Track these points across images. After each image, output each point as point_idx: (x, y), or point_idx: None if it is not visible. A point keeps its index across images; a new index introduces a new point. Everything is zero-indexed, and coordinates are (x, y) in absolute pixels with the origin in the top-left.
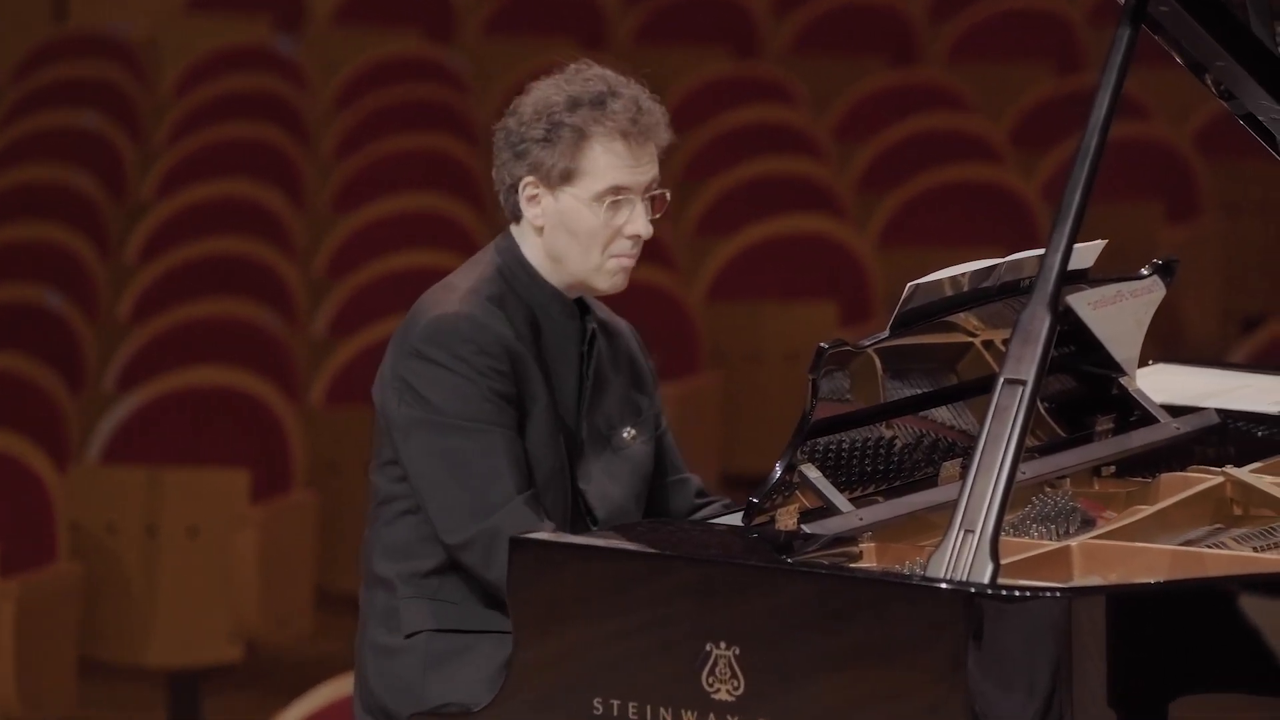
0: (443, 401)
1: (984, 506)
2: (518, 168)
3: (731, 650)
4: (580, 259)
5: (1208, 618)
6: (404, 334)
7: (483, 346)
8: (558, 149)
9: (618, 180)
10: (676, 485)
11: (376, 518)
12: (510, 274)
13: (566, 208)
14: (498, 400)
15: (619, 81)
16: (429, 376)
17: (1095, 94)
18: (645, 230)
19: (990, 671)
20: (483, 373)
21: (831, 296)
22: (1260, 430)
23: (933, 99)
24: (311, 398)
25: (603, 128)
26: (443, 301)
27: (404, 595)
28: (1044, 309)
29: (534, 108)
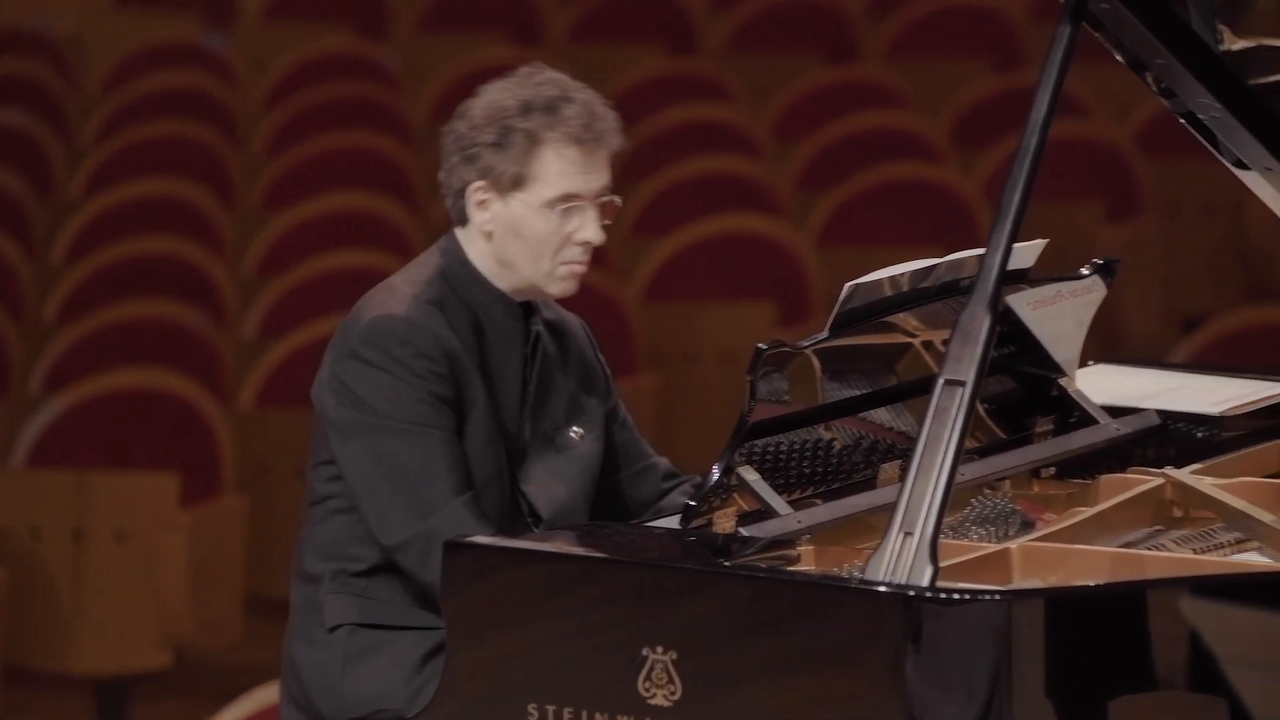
0: (380, 403)
1: (923, 509)
2: (467, 172)
3: (668, 655)
4: (530, 265)
5: (1147, 621)
6: (343, 335)
7: (421, 349)
8: (509, 154)
9: (570, 187)
10: (639, 474)
11: (311, 516)
12: (453, 276)
13: (517, 214)
14: (435, 402)
15: (572, 86)
16: (366, 378)
17: (1035, 92)
18: (597, 237)
19: (929, 675)
20: (420, 375)
21: (769, 296)
22: (1200, 431)
23: (871, 97)
24: (241, 400)
25: (556, 134)
26: (382, 303)
27: (330, 590)
28: (984, 309)
29: (485, 111)
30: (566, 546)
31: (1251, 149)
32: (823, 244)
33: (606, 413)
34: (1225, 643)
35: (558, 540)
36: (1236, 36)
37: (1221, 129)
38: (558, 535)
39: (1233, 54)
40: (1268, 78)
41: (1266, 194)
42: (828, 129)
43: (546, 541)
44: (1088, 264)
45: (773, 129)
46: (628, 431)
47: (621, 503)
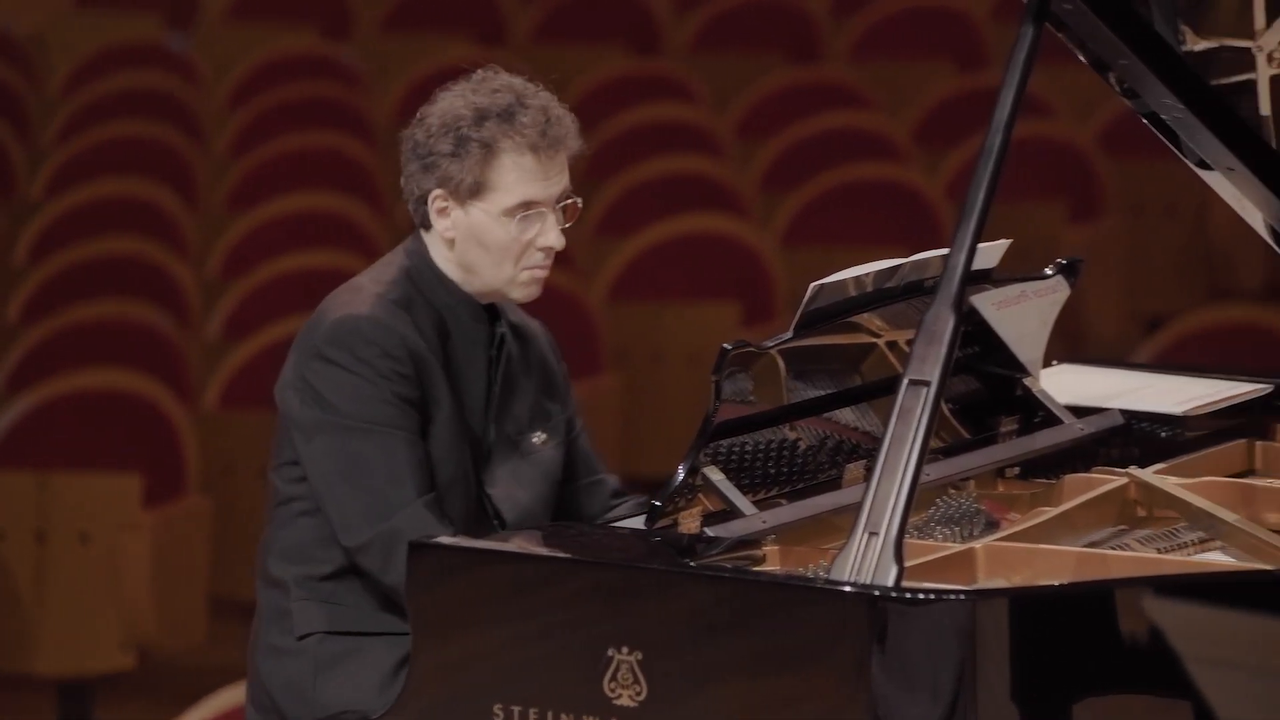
0: (344, 403)
1: (888, 509)
2: (426, 180)
3: (634, 655)
4: (492, 271)
5: (1112, 620)
6: (308, 334)
7: (386, 349)
8: (466, 163)
9: (528, 195)
10: (591, 487)
11: (274, 518)
12: (419, 277)
13: (477, 222)
14: (399, 403)
15: (527, 91)
16: (331, 378)
17: (999, 92)
18: (558, 242)
19: (894, 675)
20: (385, 375)
21: (734, 297)
22: (1164, 431)
23: (835, 97)
24: (205, 401)
25: (511, 141)
26: (348, 303)
27: (297, 597)
28: (948, 309)
29: (441, 119)
30: (531, 547)
31: (1214, 149)
32: (787, 244)
33: (566, 420)
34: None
35: (522, 540)
36: (1199, 37)
37: (1184, 129)
38: (521, 535)
39: (1195, 54)
40: (1230, 78)
41: (1229, 194)
42: (792, 129)
43: (510, 542)
44: (1051, 264)
45: (737, 129)
46: (583, 442)
47: (568, 514)
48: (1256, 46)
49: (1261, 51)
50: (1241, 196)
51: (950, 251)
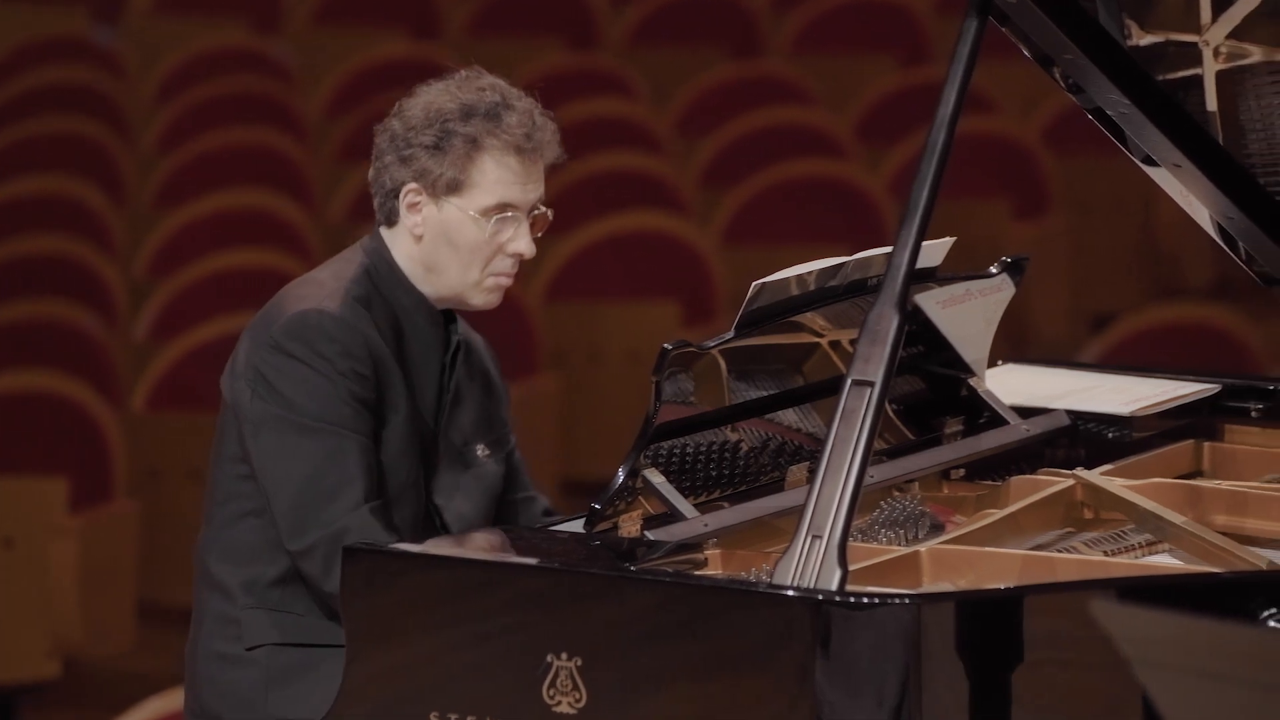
0: (299, 399)
1: (831, 511)
2: (401, 172)
3: (573, 661)
4: (459, 273)
5: (1059, 624)
6: (264, 325)
7: (347, 347)
8: (447, 158)
9: (507, 196)
10: (524, 503)
11: (215, 516)
12: (378, 276)
13: (450, 219)
14: (356, 404)
15: (513, 93)
16: (288, 372)
17: (942, 87)
18: (529, 250)
19: (838, 681)
20: (344, 374)
21: (674, 296)
22: (1111, 432)
23: (776, 92)
24: (133, 403)
25: (497, 140)
26: (308, 296)
27: (245, 604)
28: (892, 308)
29: (424, 112)
30: (468, 551)
31: (1160, 145)
32: (727, 242)
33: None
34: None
35: (459, 545)
36: (1144, 31)
37: (1130, 125)
38: (458, 540)
39: (1141, 49)
40: (1176, 73)
41: (1175, 191)
42: (732, 125)
43: (447, 546)
44: (996, 262)
45: (676, 125)
46: (517, 458)
47: None
48: (1203, 41)
49: (1208, 46)
50: (1188, 193)
51: (893, 250)
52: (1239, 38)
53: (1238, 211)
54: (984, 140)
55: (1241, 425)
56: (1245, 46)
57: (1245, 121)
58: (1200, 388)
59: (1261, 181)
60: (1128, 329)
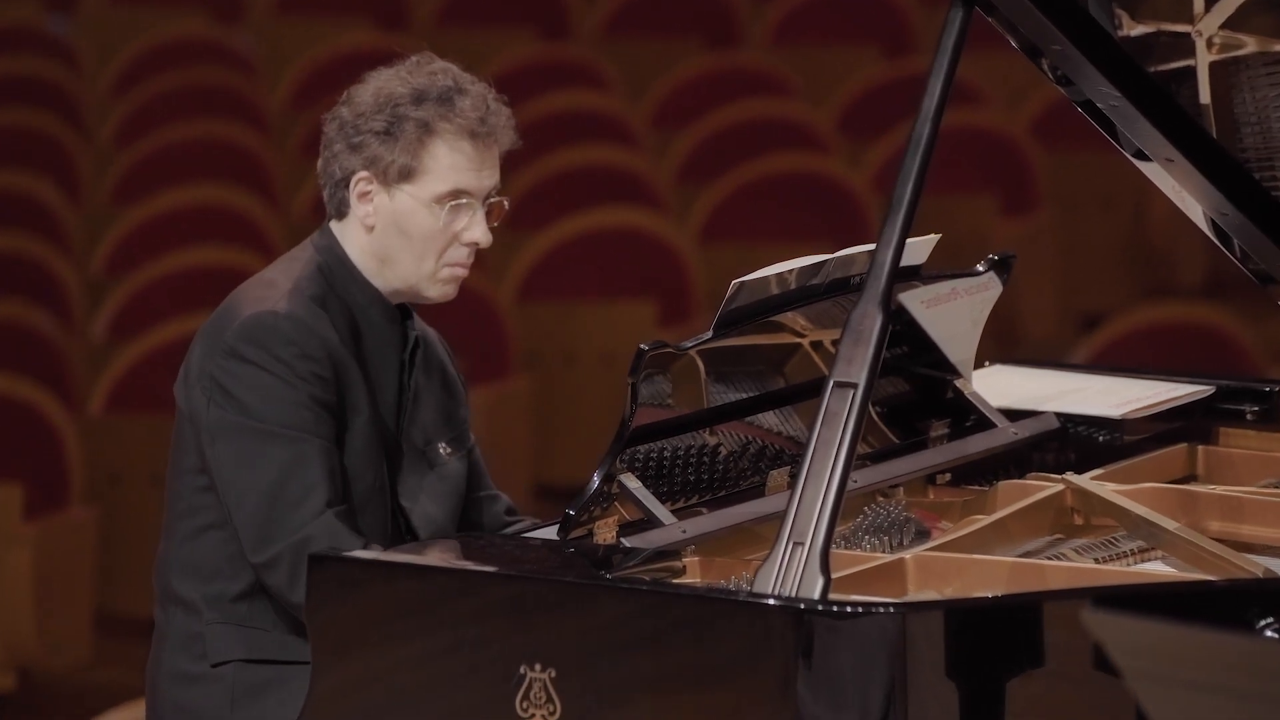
0: (258, 405)
1: (814, 517)
2: (351, 160)
3: (547, 673)
4: (413, 264)
5: (1048, 634)
6: (217, 329)
7: (306, 350)
8: (399, 144)
9: (461, 183)
10: (486, 501)
11: (176, 531)
12: (331, 274)
13: (402, 208)
14: (317, 408)
15: (465, 78)
16: (245, 377)
17: (927, 79)
18: (485, 239)
19: (821, 692)
20: (304, 378)
21: (650, 295)
22: (1101, 435)
23: (755, 84)
24: (90, 406)
25: (450, 125)
26: (263, 298)
27: (210, 620)
28: (875, 308)
29: (374, 98)
30: (438, 559)
31: (1152, 139)
32: (705, 240)
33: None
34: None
35: (428, 552)
36: (1135, 22)
37: (1121, 118)
38: (427, 548)
39: (1132, 40)
40: (1168, 64)
41: (1168, 186)
42: (709, 118)
43: (416, 554)
44: (983, 260)
45: (651, 118)
46: (477, 455)
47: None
48: (1195, 31)
49: (1201, 36)
50: (1181, 188)
51: (877, 247)
52: (1233, 28)
53: (1231, 207)
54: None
55: (1236, 428)
56: (1239, 37)
57: (1239, 115)
58: (1194, 389)
59: (1256, 176)
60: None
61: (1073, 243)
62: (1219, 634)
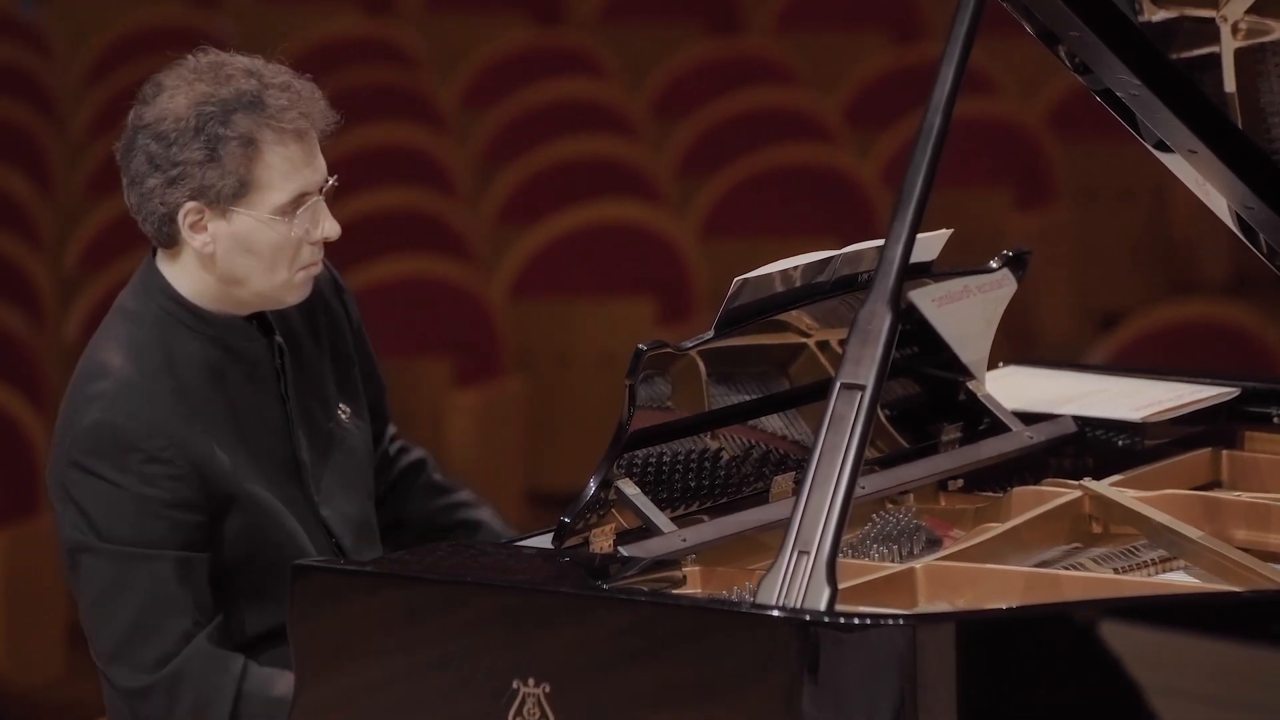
0: (107, 524)
1: (820, 525)
2: (173, 194)
3: (541, 688)
4: (265, 278)
5: (1064, 647)
6: (64, 432)
7: (153, 453)
8: (224, 166)
9: (300, 187)
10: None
11: None
12: (168, 321)
13: (243, 229)
14: (173, 514)
15: (264, 70)
16: (91, 492)
17: (938, 67)
18: (336, 232)
19: (827, 707)
20: (151, 482)
21: (649, 293)
22: (1121, 439)
23: (759, 72)
24: None
25: (272, 132)
26: (100, 394)
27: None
28: (884, 306)
29: (177, 121)
30: (426, 569)
31: (1174, 130)
32: (706, 235)
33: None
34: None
35: (416, 562)
36: (1157, 7)
37: (1141, 108)
38: (416, 556)
39: (1153, 25)
40: (1192, 51)
41: (1190, 179)
42: (711, 108)
43: (403, 564)
44: (997, 256)
45: (650, 108)
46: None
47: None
48: (1220, 17)
49: (1226, 22)
50: (1204, 181)
51: (886, 243)
52: (1260, 13)
53: (1258, 200)
54: (983, 124)
55: (1263, 432)
56: (1267, 22)
57: (1266, 104)
58: (1217, 391)
59: None
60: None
61: (1091, 238)
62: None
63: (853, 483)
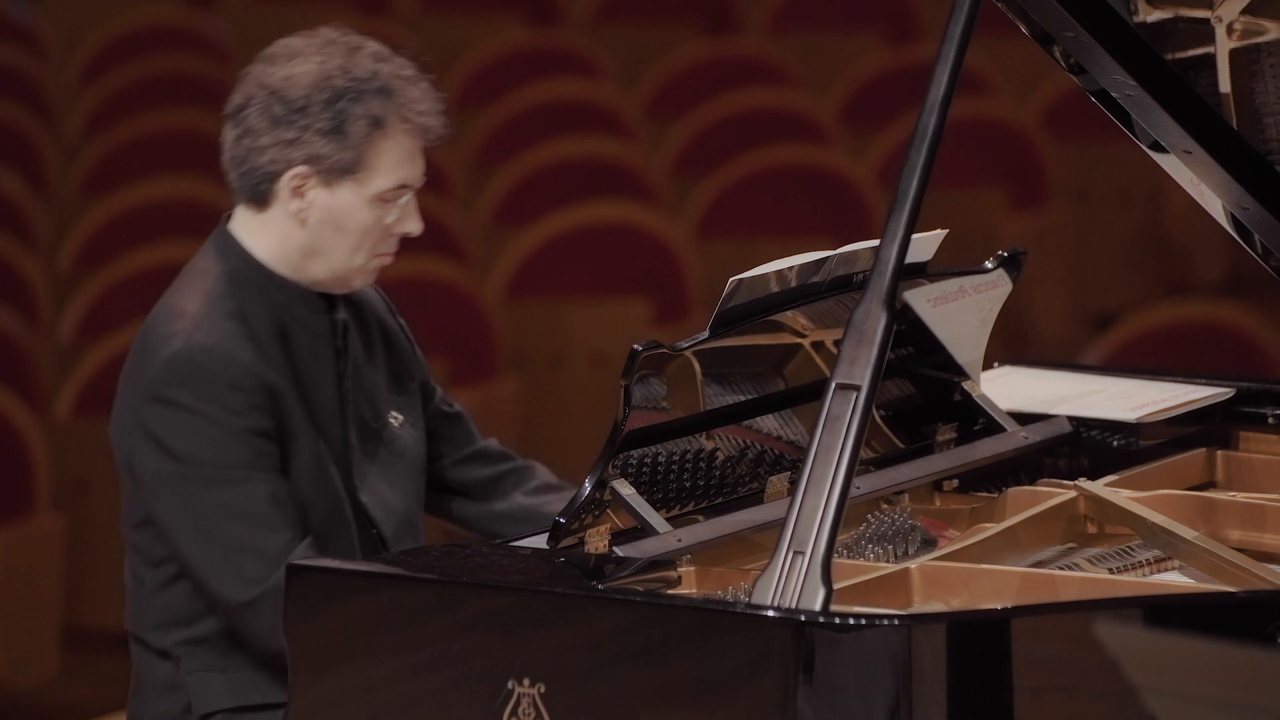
0: (194, 450)
1: (815, 526)
2: (287, 154)
3: (536, 688)
4: (345, 257)
5: (1060, 648)
6: (138, 372)
7: (233, 381)
8: (346, 141)
9: (406, 177)
10: (470, 464)
11: (145, 581)
12: (243, 280)
13: (343, 204)
14: (256, 440)
15: (397, 61)
16: (174, 423)
17: (933, 68)
18: (420, 229)
19: (822, 708)
20: (236, 412)
21: (643, 293)
22: (1116, 439)
23: (754, 72)
24: (57, 410)
25: (400, 121)
26: (177, 332)
27: (190, 669)
28: (879, 306)
29: (310, 87)
30: (421, 569)
31: (1169, 130)
32: (701, 235)
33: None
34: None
35: (411, 562)
36: (1152, 7)
37: (1136, 108)
38: (411, 557)
39: (1148, 26)
40: (1187, 51)
41: (1185, 179)
42: (706, 108)
43: (398, 564)
44: (992, 256)
45: (645, 108)
46: (453, 410)
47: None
48: (1215, 17)
49: (1221, 23)
50: (1199, 181)
51: (881, 243)
52: (1255, 13)
53: (1253, 201)
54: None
55: (1258, 432)
56: (1262, 23)
57: (1261, 104)
58: (1213, 392)
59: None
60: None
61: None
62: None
63: (848, 483)
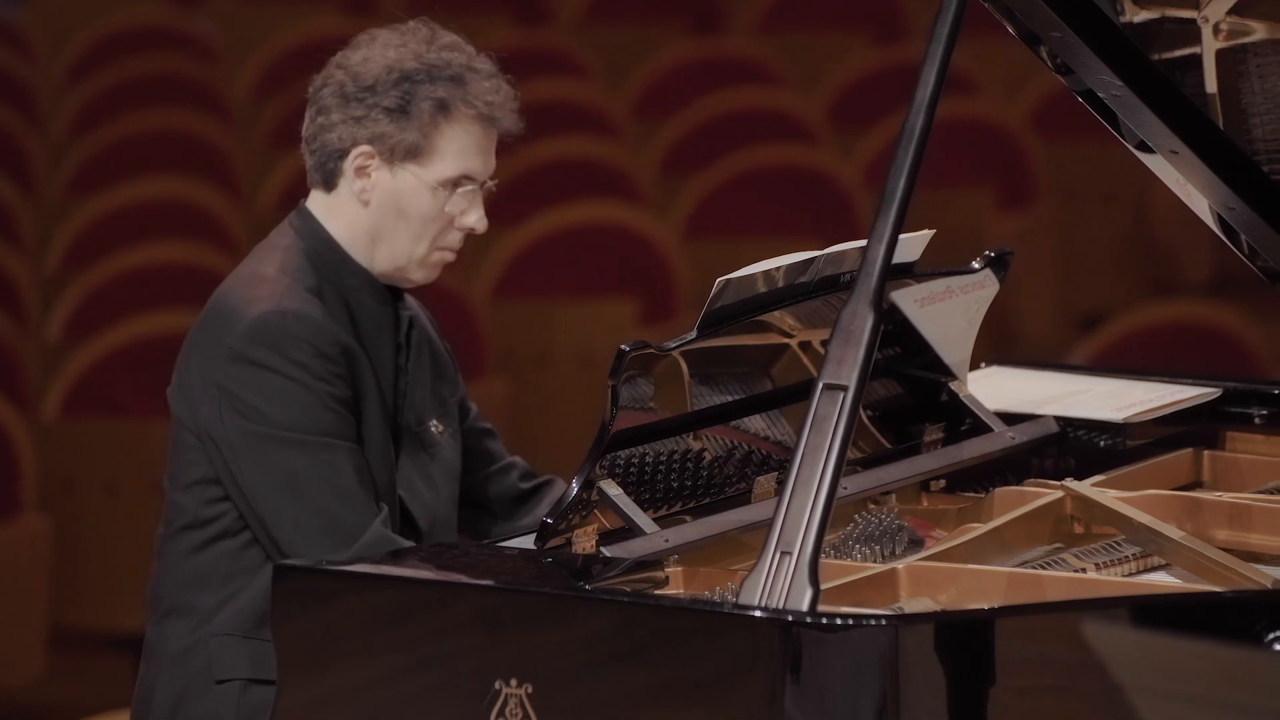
0: (279, 412)
1: (802, 526)
2: (354, 132)
3: (523, 688)
4: (407, 245)
5: (1047, 647)
6: (215, 334)
7: (319, 347)
8: (411, 123)
9: (468, 168)
10: (498, 475)
11: (180, 542)
12: (319, 259)
13: (405, 187)
14: (339, 408)
15: (474, 53)
16: (258, 384)
17: (921, 68)
18: (483, 224)
19: (810, 708)
20: (322, 378)
21: (631, 293)
22: (1102, 439)
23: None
24: (44, 411)
25: (468, 108)
26: (262, 295)
27: (216, 630)
28: (866, 307)
29: (383, 69)
30: (409, 569)
31: (1155, 130)
32: (688, 235)
33: (459, 404)
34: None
35: (399, 563)
36: (1138, 7)
37: (1123, 108)
38: (399, 557)
39: (1135, 26)
40: (1173, 52)
41: (1172, 179)
42: (693, 108)
43: (386, 564)
44: (979, 256)
45: (632, 108)
46: (483, 426)
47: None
48: (1201, 18)
49: (1207, 23)
50: (1186, 182)
51: (868, 243)
52: (1241, 14)
53: (1239, 201)
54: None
55: (1244, 432)
56: (1248, 23)
57: (1248, 104)
58: (1199, 392)
59: (1265, 169)
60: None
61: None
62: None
63: (835, 483)
